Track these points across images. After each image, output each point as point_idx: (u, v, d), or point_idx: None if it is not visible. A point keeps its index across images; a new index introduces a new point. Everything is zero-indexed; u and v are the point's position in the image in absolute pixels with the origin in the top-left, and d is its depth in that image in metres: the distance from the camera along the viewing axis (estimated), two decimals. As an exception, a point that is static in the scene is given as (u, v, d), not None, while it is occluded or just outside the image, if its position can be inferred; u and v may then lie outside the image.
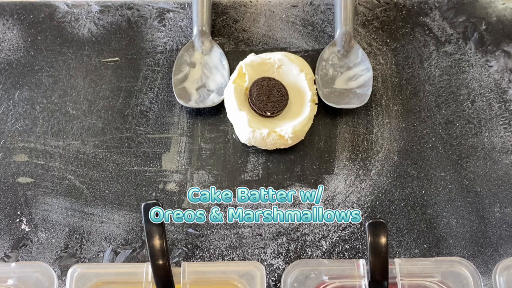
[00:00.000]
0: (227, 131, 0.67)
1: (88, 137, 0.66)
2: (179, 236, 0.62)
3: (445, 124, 0.67)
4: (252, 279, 0.50)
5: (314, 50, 0.71)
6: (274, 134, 0.63)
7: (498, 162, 0.65)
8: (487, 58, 0.70)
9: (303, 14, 0.73)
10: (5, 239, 0.61)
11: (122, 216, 0.63)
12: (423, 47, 0.71)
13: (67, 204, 0.63)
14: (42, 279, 0.50)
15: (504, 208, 0.63)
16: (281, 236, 0.62)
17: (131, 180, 0.64)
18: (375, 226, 0.48)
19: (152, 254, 0.47)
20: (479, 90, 0.69)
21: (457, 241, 0.61)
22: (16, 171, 0.65)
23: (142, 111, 0.68)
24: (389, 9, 0.73)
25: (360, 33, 0.72)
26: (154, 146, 0.66)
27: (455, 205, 0.63)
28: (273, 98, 0.65)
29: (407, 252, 0.61)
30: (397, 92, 0.69)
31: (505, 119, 0.67)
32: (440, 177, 0.64)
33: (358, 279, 0.50)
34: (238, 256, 0.61)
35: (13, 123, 0.67)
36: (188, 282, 0.50)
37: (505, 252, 0.61)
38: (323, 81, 0.68)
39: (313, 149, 0.66)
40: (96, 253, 0.61)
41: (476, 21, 0.72)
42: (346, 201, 0.63)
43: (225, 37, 0.71)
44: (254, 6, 0.73)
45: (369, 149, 0.66)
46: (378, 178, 0.64)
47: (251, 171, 0.65)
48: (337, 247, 0.61)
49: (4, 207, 0.63)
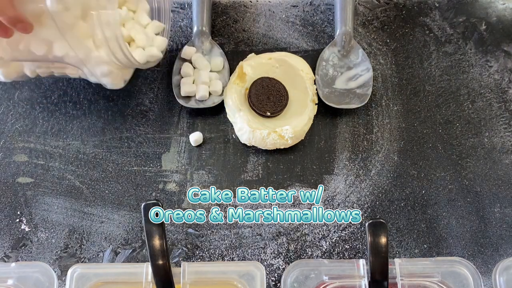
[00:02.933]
0: (227, 131, 0.67)
1: (88, 137, 0.66)
2: (179, 236, 0.62)
3: (445, 124, 0.67)
4: (252, 279, 0.50)
5: (314, 50, 0.71)
6: (274, 134, 0.63)
7: (498, 162, 0.65)
8: (487, 58, 0.70)
9: (303, 14, 0.73)
10: (5, 239, 0.61)
11: (122, 216, 0.63)
12: (423, 47, 0.71)
13: (67, 204, 0.63)
14: (42, 279, 0.50)
15: (504, 208, 0.63)
16: (281, 236, 0.62)
17: (131, 180, 0.64)
18: (375, 226, 0.48)
19: (152, 254, 0.47)
20: (479, 90, 0.69)
21: (457, 241, 0.61)
22: (16, 171, 0.65)
23: (142, 111, 0.68)
24: (389, 9, 0.73)
25: (360, 33, 0.72)
26: (154, 146, 0.66)
27: (455, 205, 0.63)
28: (273, 98, 0.65)
29: (407, 252, 0.61)
30: (397, 92, 0.69)
31: (505, 119, 0.67)
32: (440, 177, 0.64)
33: (358, 279, 0.50)
34: (238, 256, 0.61)
35: (13, 123, 0.67)
36: (188, 282, 0.50)
37: (505, 252, 0.61)
38: (323, 81, 0.68)
39: (313, 149, 0.66)
40: (96, 253, 0.61)
41: (476, 21, 0.72)
42: (346, 201, 0.63)
43: (225, 37, 0.71)
44: (254, 6, 0.73)
45: (369, 149, 0.66)
46: (378, 178, 0.64)
47: (251, 171, 0.65)
48: (337, 247, 0.61)
49: (4, 207, 0.63)
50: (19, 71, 0.63)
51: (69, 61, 0.59)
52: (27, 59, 0.61)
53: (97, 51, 0.58)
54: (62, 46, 0.58)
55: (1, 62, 0.61)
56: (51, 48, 0.58)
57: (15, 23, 0.55)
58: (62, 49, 0.58)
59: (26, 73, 0.63)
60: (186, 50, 0.68)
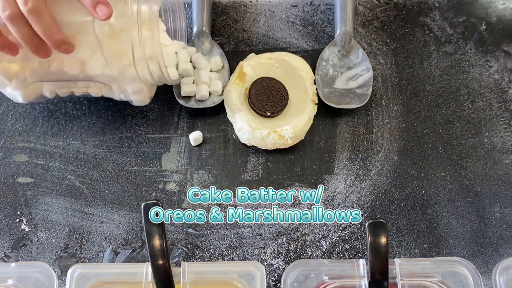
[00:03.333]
0: (227, 131, 0.67)
1: (88, 137, 0.66)
2: (179, 236, 0.62)
3: (445, 124, 0.67)
4: (252, 279, 0.50)
5: (314, 50, 0.71)
6: (274, 134, 0.63)
7: (498, 162, 0.65)
8: (487, 58, 0.70)
9: (303, 14, 0.73)
10: (5, 239, 0.61)
11: (122, 216, 0.63)
12: (423, 47, 0.71)
13: (67, 204, 0.63)
14: (42, 279, 0.50)
15: (504, 208, 0.63)
16: (281, 236, 0.62)
17: (131, 180, 0.64)
18: (375, 226, 0.48)
19: (152, 254, 0.47)
20: (479, 90, 0.69)
21: (457, 241, 0.61)
22: (16, 171, 0.65)
23: (142, 111, 0.68)
24: (389, 9, 0.73)
25: (360, 33, 0.72)
26: (154, 146, 0.66)
27: (455, 205, 0.63)
28: (273, 98, 0.65)
29: (407, 252, 0.61)
30: (397, 92, 0.69)
31: (505, 119, 0.67)
32: (440, 177, 0.64)
33: (358, 279, 0.50)
34: (238, 256, 0.61)
35: (13, 123, 0.67)
36: (188, 282, 0.50)
37: (505, 252, 0.61)
38: (323, 81, 0.68)
39: (313, 149, 0.66)
40: (96, 253, 0.61)
41: (476, 21, 0.72)
42: (346, 201, 0.63)
43: (225, 37, 0.71)
44: (254, 6, 0.73)
45: (369, 149, 0.66)
46: (378, 178, 0.64)
47: (251, 171, 0.65)
48: (337, 247, 0.61)
49: (4, 207, 0.63)
50: (37, 92, 0.62)
51: (100, 79, 0.59)
52: (54, 80, 0.60)
53: (131, 68, 0.58)
54: (97, 65, 0.57)
55: (23, 84, 0.60)
56: (84, 67, 0.58)
57: (60, 45, 0.54)
58: (97, 68, 0.58)
59: (45, 94, 0.63)
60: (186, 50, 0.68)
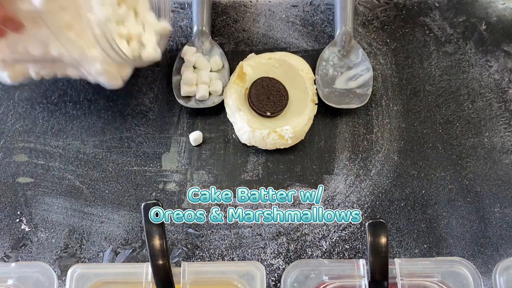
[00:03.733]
0: (227, 131, 0.67)
1: (88, 137, 0.66)
2: (179, 236, 0.62)
3: (445, 124, 0.67)
4: (252, 279, 0.50)
5: (314, 50, 0.71)
6: (274, 134, 0.63)
7: (498, 162, 0.65)
8: (487, 58, 0.70)
9: (303, 14, 0.73)
10: (5, 239, 0.61)
11: (122, 216, 0.63)
12: (423, 47, 0.71)
13: (67, 204, 0.63)
14: (42, 279, 0.50)
15: (504, 208, 0.63)
16: (281, 236, 0.62)
17: (131, 180, 0.64)
18: (375, 226, 0.48)
19: (152, 254, 0.47)
20: (479, 90, 0.69)
21: (457, 241, 0.61)
22: (16, 171, 0.65)
23: (142, 111, 0.68)
24: (389, 9, 0.73)
25: (360, 33, 0.72)
26: (154, 146, 0.66)
27: (455, 205, 0.63)
28: (273, 98, 0.65)
29: (407, 252, 0.61)
30: (397, 92, 0.69)
31: (505, 119, 0.67)
32: (440, 177, 0.64)
33: (358, 279, 0.50)
34: (238, 256, 0.61)
35: (13, 123, 0.67)
36: (188, 282, 0.50)
37: (505, 252, 0.61)
38: (323, 81, 0.68)
39: (313, 149, 0.66)
40: (96, 253, 0.61)
41: (476, 21, 0.72)
42: (346, 201, 0.63)
43: (225, 37, 0.71)
44: (254, 6, 0.73)
45: (369, 149, 0.66)
46: (378, 178, 0.64)
47: (251, 171, 0.65)
48: (337, 247, 0.61)
49: (4, 207, 0.63)
50: (24, 73, 0.63)
51: (67, 61, 0.59)
52: (28, 60, 0.61)
53: (90, 50, 0.58)
54: (57, 46, 0.58)
55: (5, 64, 0.61)
56: (48, 48, 0.58)
57: (5, 22, 0.55)
58: (57, 49, 0.58)
59: (32, 75, 0.63)
60: (186, 50, 0.68)
